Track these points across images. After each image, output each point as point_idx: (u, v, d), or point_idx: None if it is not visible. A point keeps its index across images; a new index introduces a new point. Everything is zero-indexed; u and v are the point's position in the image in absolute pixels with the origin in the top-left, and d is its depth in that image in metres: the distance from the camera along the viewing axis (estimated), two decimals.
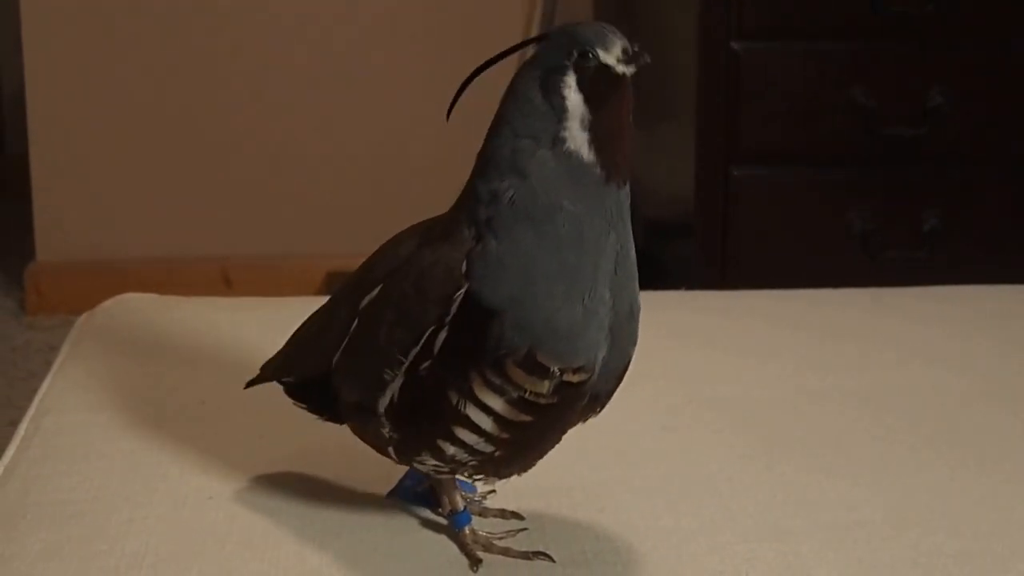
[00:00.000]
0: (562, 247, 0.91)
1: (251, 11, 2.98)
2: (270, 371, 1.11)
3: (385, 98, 3.01)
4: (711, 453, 1.20)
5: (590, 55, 0.90)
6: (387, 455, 1.00)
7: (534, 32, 2.72)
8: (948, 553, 1.03)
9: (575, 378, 0.92)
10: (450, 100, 0.96)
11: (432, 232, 0.97)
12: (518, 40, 0.98)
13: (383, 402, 0.96)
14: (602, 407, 0.99)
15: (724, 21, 2.32)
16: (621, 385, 0.99)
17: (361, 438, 1.02)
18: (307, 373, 1.06)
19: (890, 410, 1.30)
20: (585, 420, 1.00)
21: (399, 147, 3.02)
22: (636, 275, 0.96)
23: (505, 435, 0.93)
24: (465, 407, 0.93)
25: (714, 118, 2.35)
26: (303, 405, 1.07)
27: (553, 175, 0.91)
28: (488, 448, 0.94)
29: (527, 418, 0.93)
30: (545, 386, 0.91)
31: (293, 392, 1.07)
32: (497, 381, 0.91)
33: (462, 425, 0.93)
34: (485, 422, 0.93)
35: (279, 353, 1.11)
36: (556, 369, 0.91)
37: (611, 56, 0.90)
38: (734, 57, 2.32)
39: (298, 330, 1.10)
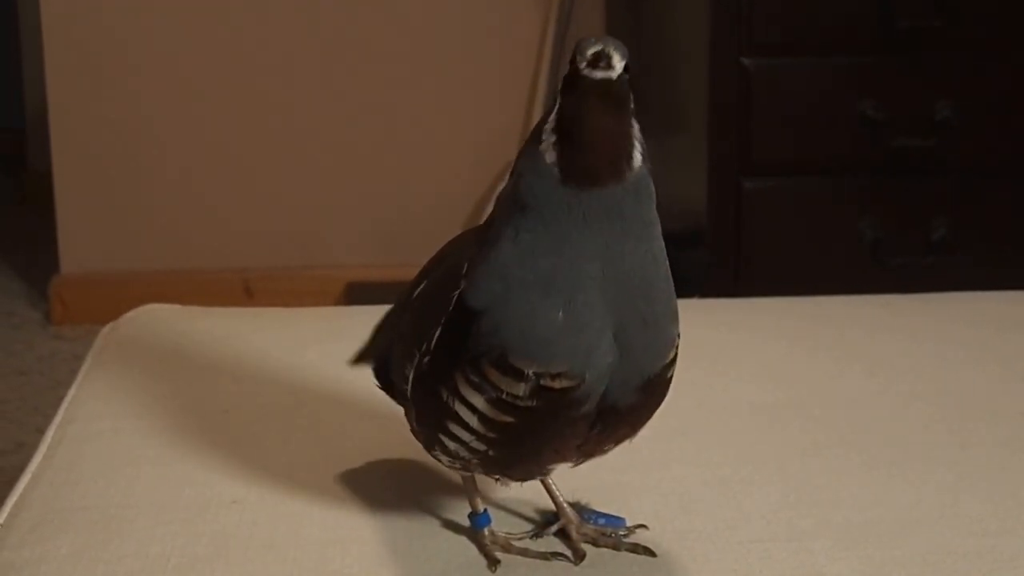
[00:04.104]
0: (536, 251, 0.90)
1: (271, 25, 3.00)
2: (361, 351, 1.15)
3: (405, 110, 3.02)
4: (724, 456, 1.21)
5: (574, 59, 0.89)
6: (420, 443, 1.02)
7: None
8: (959, 552, 1.04)
9: (556, 384, 0.91)
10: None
11: (471, 231, 1.00)
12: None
13: (409, 392, 0.99)
14: (632, 426, 0.97)
15: (734, 37, 2.33)
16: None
17: (408, 423, 1.03)
18: (379, 356, 1.09)
19: (901, 413, 1.31)
20: (618, 442, 0.98)
21: (419, 159, 3.03)
22: (655, 283, 0.93)
23: (492, 435, 0.94)
24: (454, 403, 0.94)
25: (725, 131, 2.36)
26: (379, 385, 1.09)
27: (529, 178, 0.91)
28: (481, 447, 0.95)
29: (508, 419, 0.93)
30: (521, 388, 0.91)
31: (375, 372, 1.10)
32: (476, 379, 0.92)
33: (453, 420, 0.95)
34: (471, 419, 0.94)
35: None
36: (531, 372, 0.91)
37: (583, 60, 0.88)
38: (744, 72, 2.34)
39: (388, 312, 1.12)
